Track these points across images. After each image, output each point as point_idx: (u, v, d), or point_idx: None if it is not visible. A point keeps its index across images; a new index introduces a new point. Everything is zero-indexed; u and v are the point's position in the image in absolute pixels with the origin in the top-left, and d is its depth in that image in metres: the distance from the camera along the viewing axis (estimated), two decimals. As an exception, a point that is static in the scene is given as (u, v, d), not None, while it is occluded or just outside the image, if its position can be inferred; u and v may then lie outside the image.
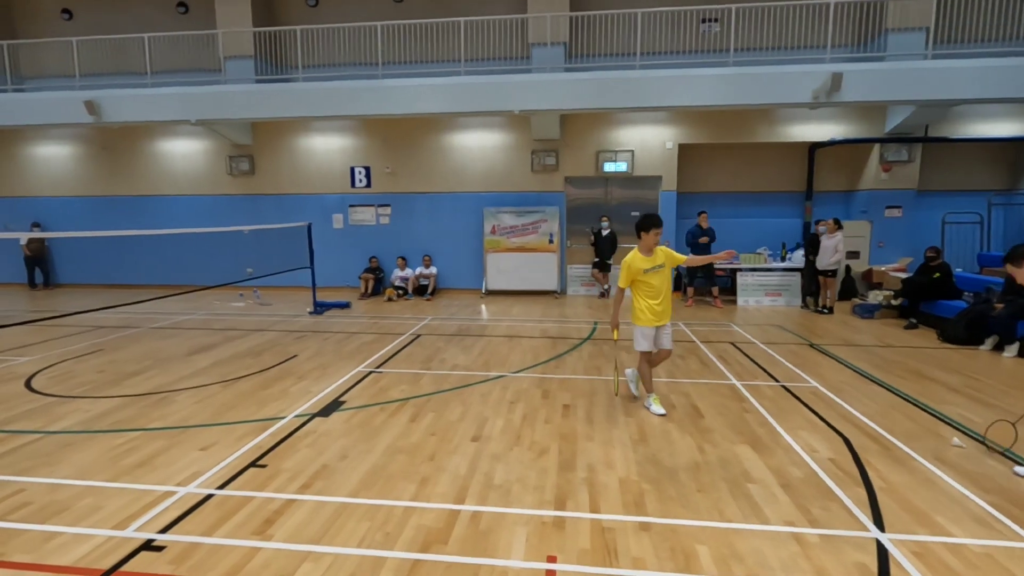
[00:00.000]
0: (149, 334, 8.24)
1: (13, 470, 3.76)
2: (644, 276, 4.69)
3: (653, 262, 4.69)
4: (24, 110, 11.75)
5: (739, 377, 5.90)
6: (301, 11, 12.48)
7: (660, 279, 4.72)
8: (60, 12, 13.21)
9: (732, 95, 9.81)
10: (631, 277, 4.74)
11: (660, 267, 4.71)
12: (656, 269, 4.70)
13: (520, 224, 11.90)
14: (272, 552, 2.83)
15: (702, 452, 4.03)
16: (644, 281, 4.70)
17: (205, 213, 12.86)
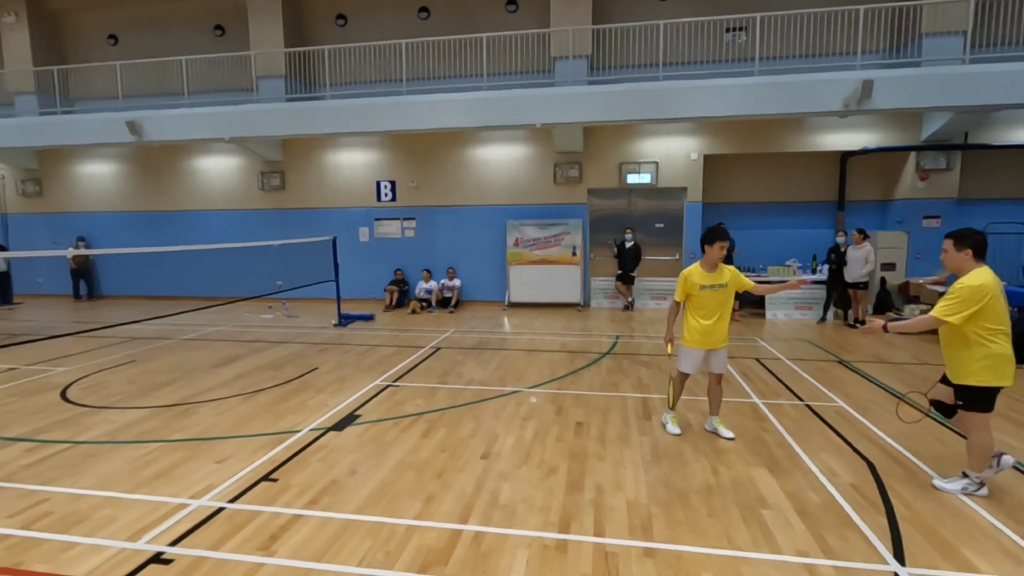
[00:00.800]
0: (180, 345, 8.51)
1: (40, 480, 3.92)
2: (700, 292, 4.39)
3: (714, 280, 4.37)
4: (72, 131, 12.40)
5: (761, 395, 5.73)
6: (330, 31, 12.85)
7: (718, 299, 4.39)
8: (107, 38, 13.93)
9: (758, 105, 9.63)
10: (686, 291, 4.47)
11: (721, 286, 4.37)
12: (715, 288, 4.37)
13: (543, 236, 11.89)
14: (274, 569, 2.86)
15: (716, 474, 3.92)
16: (699, 297, 4.41)
17: (238, 227, 13.28)
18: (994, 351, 3.39)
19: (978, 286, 3.34)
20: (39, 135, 12.64)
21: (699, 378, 6.34)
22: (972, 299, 3.34)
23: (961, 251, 3.49)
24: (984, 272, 3.42)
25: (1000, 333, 3.40)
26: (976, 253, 3.47)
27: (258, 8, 12.29)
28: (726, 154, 11.52)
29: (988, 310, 3.36)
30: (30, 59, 13.44)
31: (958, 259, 3.51)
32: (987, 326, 3.38)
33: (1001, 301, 3.42)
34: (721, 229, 4.39)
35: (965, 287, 3.38)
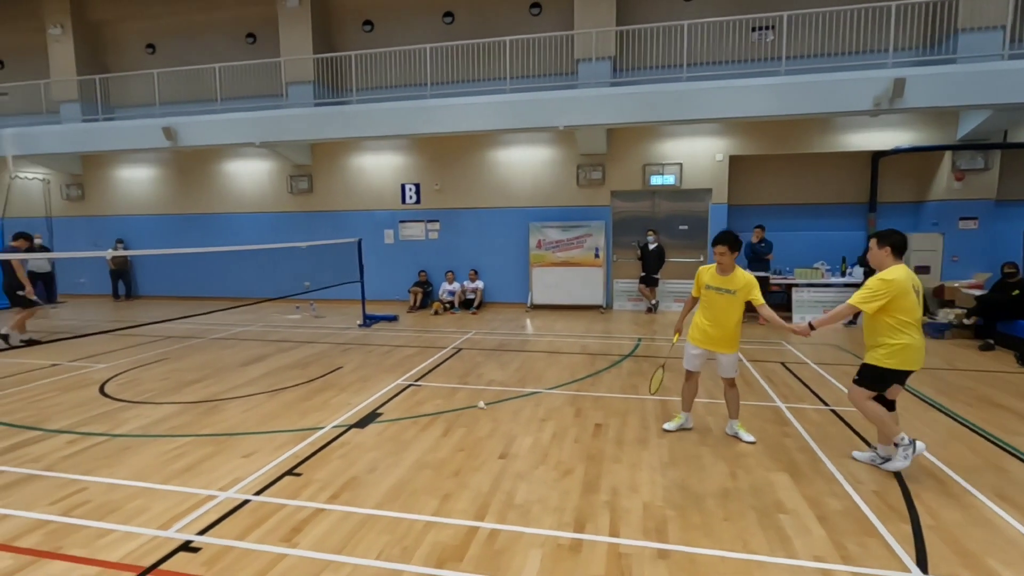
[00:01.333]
0: (211, 344, 8.78)
1: (79, 469, 4.11)
2: (707, 291, 4.53)
3: (722, 283, 4.41)
4: (113, 137, 12.93)
5: (784, 399, 5.64)
6: (357, 36, 13.10)
7: (722, 303, 4.42)
8: (145, 47, 14.47)
9: (786, 104, 9.48)
10: (698, 287, 4.63)
11: (727, 291, 4.38)
12: (721, 291, 4.41)
13: (565, 239, 11.90)
14: (296, 559, 2.96)
15: (734, 478, 3.88)
16: (706, 296, 4.55)
17: (267, 229, 13.63)
18: (901, 340, 3.74)
19: (890, 280, 3.71)
20: (82, 141, 13.22)
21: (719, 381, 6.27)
22: (882, 291, 3.71)
23: (881, 248, 3.86)
24: (899, 268, 3.77)
25: (908, 325, 3.74)
26: (894, 251, 3.82)
27: (288, 16, 12.61)
28: (752, 155, 11.35)
29: (898, 303, 3.70)
30: (74, 69, 14.05)
31: (879, 256, 3.88)
32: (898, 317, 3.73)
33: (912, 297, 3.73)
34: (721, 234, 4.45)
35: (878, 280, 3.77)
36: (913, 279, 3.78)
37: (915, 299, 3.75)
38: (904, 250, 3.85)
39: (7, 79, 15.03)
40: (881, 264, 3.86)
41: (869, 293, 3.76)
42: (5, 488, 3.82)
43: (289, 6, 12.54)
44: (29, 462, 4.25)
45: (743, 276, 4.43)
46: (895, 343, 3.75)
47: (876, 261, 3.90)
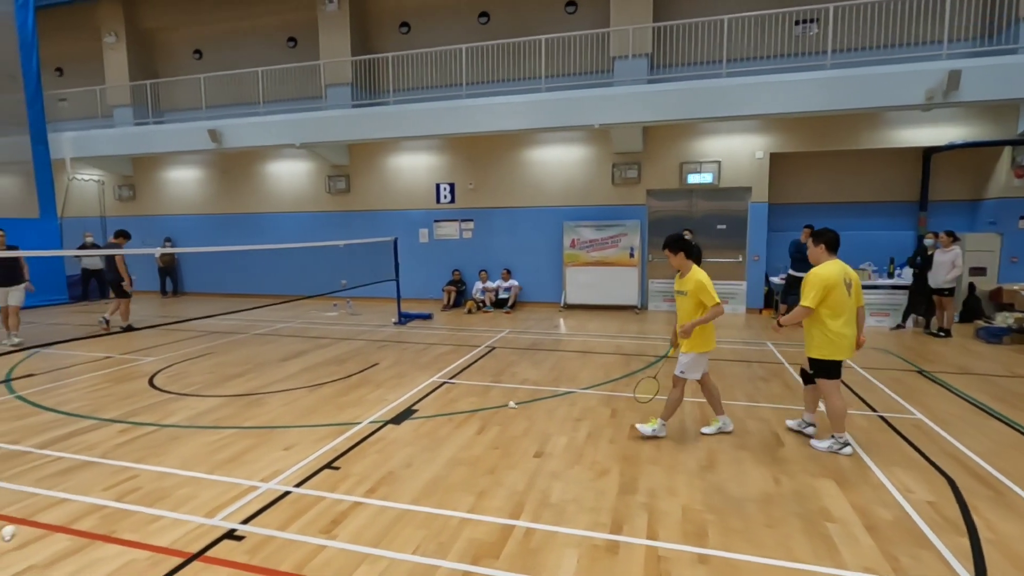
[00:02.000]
0: (252, 340, 9.04)
1: (131, 457, 4.29)
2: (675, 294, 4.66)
3: (679, 286, 4.54)
4: (162, 139, 13.48)
5: (829, 404, 5.44)
6: (394, 38, 13.30)
7: (680, 304, 4.55)
8: (192, 53, 15.03)
9: (831, 100, 9.17)
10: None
11: (681, 293, 4.50)
12: (676, 293, 4.57)
13: (600, 238, 11.79)
14: (335, 551, 3.01)
15: (777, 484, 3.77)
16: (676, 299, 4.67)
17: (306, 228, 13.96)
18: (832, 329, 4.10)
19: (823, 275, 4.08)
20: (133, 144, 13.83)
21: (759, 384, 6.12)
22: (817, 284, 4.07)
23: (817, 246, 4.25)
24: (832, 264, 4.15)
25: (836, 316, 4.09)
26: (828, 248, 4.20)
27: (328, 19, 12.89)
28: (794, 152, 11.01)
29: (831, 296, 4.06)
30: (127, 75, 14.70)
31: (815, 252, 4.26)
32: (828, 309, 4.08)
33: (842, 290, 4.07)
34: (668, 238, 4.49)
35: (813, 275, 4.15)
36: (846, 273, 4.14)
37: (846, 292, 4.10)
38: (837, 247, 4.21)
39: (66, 85, 15.83)
40: (817, 260, 4.24)
41: (808, 288, 4.13)
42: (64, 473, 4.02)
43: (328, 10, 12.82)
44: (85, 449, 4.46)
45: (694, 278, 4.39)
46: (828, 332, 4.11)
47: (813, 258, 4.30)
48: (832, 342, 4.12)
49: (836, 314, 4.09)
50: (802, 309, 4.18)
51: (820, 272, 4.11)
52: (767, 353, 7.68)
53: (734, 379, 6.37)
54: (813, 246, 4.26)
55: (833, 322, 4.10)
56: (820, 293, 4.06)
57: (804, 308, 4.16)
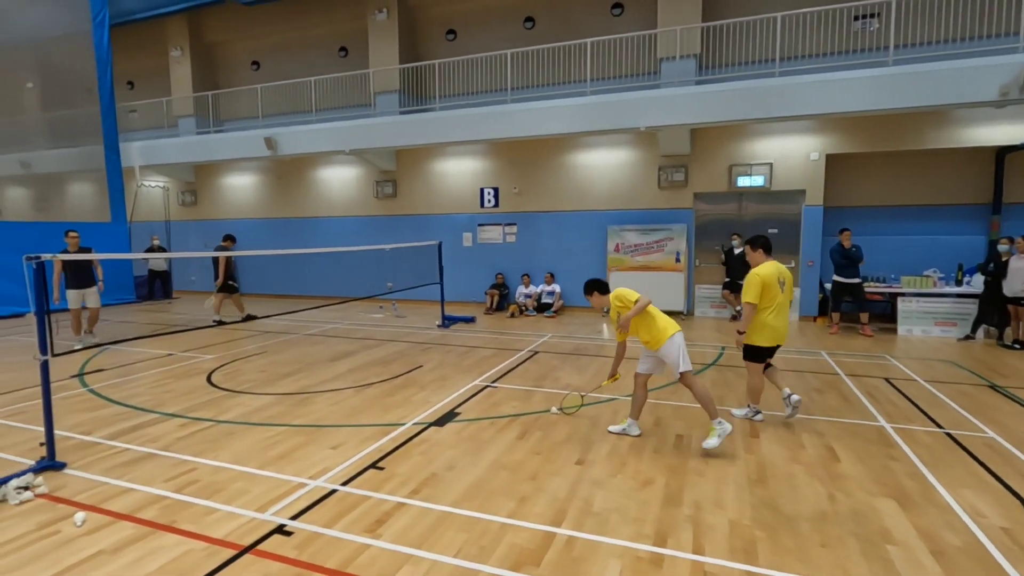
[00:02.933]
0: (303, 340, 9.35)
1: (190, 451, 4.50)
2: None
3: (612, 315, 4.67)
4: (222, 147, 14.16)
5: (890, 419, 5.16)
6: (440, 45, 13.53)
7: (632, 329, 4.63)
8: (250, 64, 15.73)
9: (894, 98, 8.73)
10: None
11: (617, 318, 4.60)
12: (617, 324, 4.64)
13: (645, 242, 11.61)
14: (379, 551, 3.06)
15: (832, 501, 3.59)
16: None
17: (354, 232, 14.35)
18: (765, 321, 4.80)
19: (762, 275, 4.74)
20: (196, 152, 14.58)
21: (804, 394, 5.86)
22: (755, 283, 4.75)
23: (755, 251, 4.92)
24: (767, 265, 4.82)
25: (768, 310, 4.79)
26: (765, 251, 4.89)
27: (377, 29, 13.25)
28: (852, 153, 10.53)
29: (767, 292, 4.73)
30: (190, 87, 15.54)
31: (755, 256, 4.93)
32: (764, 304, 4.77)
33: (775, 288, 4.76)
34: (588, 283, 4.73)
35: (752, 274, 4.80)
36: (780, 272, 4.84)
37: (779, 288, 4.79)
38: (771, 250, 4.94)
39: (136, 98, 16.87)
40: (756, 262, 4.91)
41: (748, 286, 4.77)
42: (130, 464, 4.26)
43: (378, 19, 13.17)
44: (149, 441, 4.71)
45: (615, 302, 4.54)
46: (761, 323, 4.80)
47: (753, 261, 4.96)
48: (758, 330, 4.84)
49: (765, 307, 4.77)
50: (748, 306, 4.81)
51: (758, 272, 4.76)
52: (822, 363, 7.36)
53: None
54: (752, 251, 4.93)
55: (762, 314, 4.79)
56: (758, 290, 4.73)
57: (749, 305, 4.79)
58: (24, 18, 12.88)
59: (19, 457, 4.37)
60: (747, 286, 4.79)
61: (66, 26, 13.49)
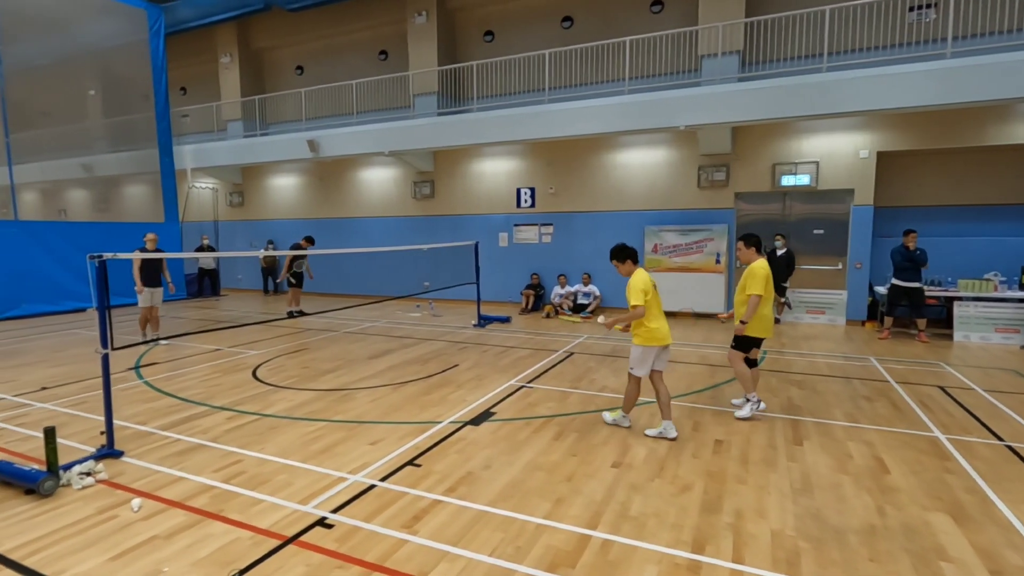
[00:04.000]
0: (343, 337, 9.57)
1: (237, 443, 4.67)
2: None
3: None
4: (267, 150, 14.63)
5: (945, 429, 4.92)
6: (478, 47, 13.62)
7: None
8: (295, 68, 16.21)
9: (952, 92, 8.31)
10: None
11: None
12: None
13: (684, 243, 11.40)
14: (416, 547, 3.11)
15: (882, 515, 3.45)
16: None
17: (393, 232, 14.60)
18: (761, 313, 5.10)
19: (763, 270, 5.06)
20: (243, 154, 15.11)
21: (852, 401, 5.64)
22: (760, 276, 5.04)
23: (748, 248, 5.20)
24: (764, 261, 5.16)
25: (765, 303, 5.10)
26: (757, 249, 5.20)
27: (416, 32, 13.44)
28: (905, 150, 10.06)
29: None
30: (239, 91, 16.11)
31: (747, 253, 5.21)
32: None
33: (770, 280, 5.12)
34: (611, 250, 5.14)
35: (756, 268, 5.10)
36: (767, 267, 5.17)
37: (771, 281, 5.20)
38: (761, 246, 5.26)
39: (188, 103, 17.63)
40: (749, 259, 5.19)
41: (752, 280, 5.04)
42: (182, 454, 4.46)
43: (417, 22, 13.36)
44: (199, 433, 4.92)
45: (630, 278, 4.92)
46: (758, 315, 5.08)
47: (745, 258, 5.25)
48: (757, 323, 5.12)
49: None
50: (754, 298, 5.05)
51: (763, 266, 5.07)
52: (871, 370, 7.07)
53: (833, 397, 5.91)
54: (745, 248, 5.19)
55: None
56: (761, 282, 5.04)
57: (754, 296, 5.04)
58: (89, 30, 13.63)
59: (82, 444, 4.63)
60: (752, 278, 5.03)
61: (125, 36, 14.21)
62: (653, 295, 4.77)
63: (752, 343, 5.26)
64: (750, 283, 5.07)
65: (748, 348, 5.26)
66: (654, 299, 4.78)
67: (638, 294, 4.68)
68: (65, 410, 5.60)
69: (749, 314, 5.07)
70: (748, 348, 5.26)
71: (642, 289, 4.69)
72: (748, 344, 5.25)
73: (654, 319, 4.77)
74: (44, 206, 14.41)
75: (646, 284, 4.73)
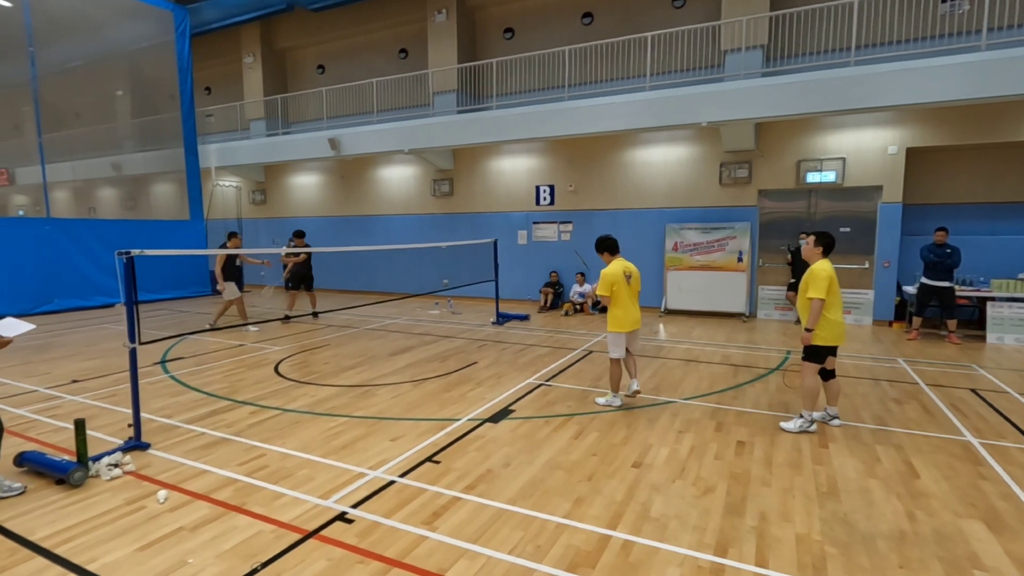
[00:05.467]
0: (364, 334, 9.65)
1: (259, 438, 4.74)
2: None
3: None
4: (289, 148, 14.81)
5: (978, 433, 4.77)
6: (498, 44, 13.59)
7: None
8: (316, 68, 16.37)
9: (987, 85, 8.03)
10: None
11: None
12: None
13: (705, 241, 11.24)
14: (435, 543, 3.12)
15: (912, 520, 3.36)
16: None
17: (413, 230, 14.67)
18: (830, 319, 4.69)
19: (824, 272, 4.65)
20: (265, 153, 15.32)
21: (881, 404, 5.50)
22: (822, 278, 4.65)
23: (817, 247, 4.81)
24: (827, 262, 4.77)
25: (834, 307, 4.70)
26: (825, 250, 4.81)
27: (436, 30, 13.46)
28: (936, 146, 9.77)
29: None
30: (262, 91, 16.33)
31: (813, 252, 4.84)
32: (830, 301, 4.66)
33: (836, 284, 4.72)
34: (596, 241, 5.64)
35: (817, 270, 4.71)
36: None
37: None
38: (832, 247, 4.85)
39: (213, 102, 17.93)
40: (811, 258, 4.85)
41: (815, 281, 4.66)
42: (207, 447, 4.53)
43: (437, 20, 13.38)
44: (223, 427, 5.00)
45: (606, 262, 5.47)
46: (826, 322, 4.70)
47: (808, 255, 4.91)
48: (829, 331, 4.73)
49: (831, 306, 4.69)
50: (817, 302, 4.74)
51: (820, 269, 4.71)
52: (899, 371, 6.89)
53: (860, 399, 5.77)
54: (813, 247, 4.88)
55: (831, 312, 4.69)
56: (824, 284, 4.70)
57: (817, 300, 4.74)
58: (117, 32, 13.94)
59: (110, 436, 4.74)
60: (815, 280, 4.65)
61: (152, 38, 14.50)
62: (623, 286, 5.26)
63: (825, 352, 4.79)
64: (812, 286, 4.69)
65: (822, 358, 4.80)
66: (624, 289, 5.26)
67: (606, 286, 5.27)
68: (95, 403, 5.74)
69: (812, 320, 4.69)
70: (822, 358, 4.80)
71: (610, 281, 5.23)
72: (821, 354, 4.79)
73: (622, 307, 5.27)
74: (75, 204, 14.79)
75: (615, 276, 5.24)
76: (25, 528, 3.31)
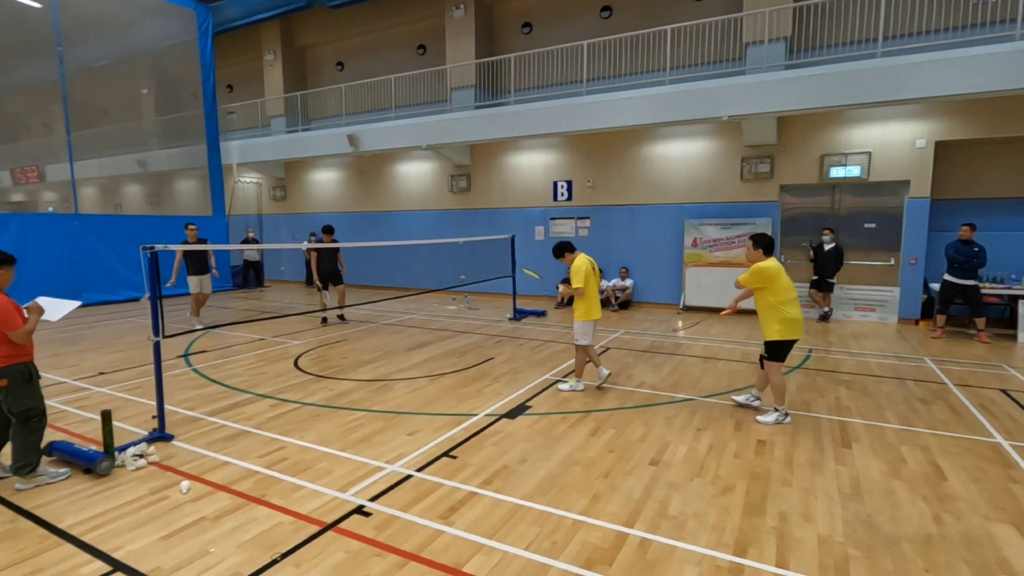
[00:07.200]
0: (382, 329, 9.72)
1: (279, 431, 4.80)
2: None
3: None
4: (308, 145, 14.95)
5: (1008, 435, 4.64)
6: (516, 39, 13.54)
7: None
8: (335, 65, 16.49)
9: (1020, 76, 7.77)
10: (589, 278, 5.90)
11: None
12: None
13: (725, 237, 11.09)
14: (452, 538, 3.13)
15: (939, 523, 3.28)
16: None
17: (430, 226, 14.73)
18: (785, 315, 4.82)
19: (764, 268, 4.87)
20: (285, 150, 15.49)
21: (906, 404, 5.37)
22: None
23: (756, 249, 5.02)
24: (772, 260, 4.96)
25: (790, 303, 4.85)
26: (765, 250, 4.99)
27: (454, 25, 13.46)
28: (966, 139, 9.49)
29: (777, 287, 4.84)
30: (282, 88, 16.51)
31: (755, 255, 5.04)
32: (779, 298, 4.83)
33: (786, 280, 4.88)
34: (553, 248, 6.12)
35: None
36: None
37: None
38: (772, 248, 5.03)
39: (234, 100, 18.16)
40: (754, 259, 5.05)
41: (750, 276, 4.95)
42: (229, 439, 4.61)
43: (455, 16, 13.37)
44: (244, 420, 5.08)
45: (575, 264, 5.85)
46: (782, 318, 4.84)
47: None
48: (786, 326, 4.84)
49: (785, 301, 4.84)
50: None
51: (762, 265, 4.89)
52: (926, 371, 6.72)
53: (884, 398, 5.65)
54: (752, 250, 5.05)
55: (784, 308, 4.82)
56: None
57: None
58: (142, 31, 14.19)
59: (136, 427, 4.84)
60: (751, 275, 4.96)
61: (176, 36, 14.73)
62: (592, 277, 5.75)
63: (787, 348, 4.93)
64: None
65: (784, 355, 4.94)
66: (592, 281, 5.78)
67: (581, 277, 5.67)
68: (120, 395, 5.87)
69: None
70: (784, 355, 4.94)
71: (584, 272, 5.67)
72: (783, 351, 4.92)
73: (591, 297, 5.74)
74: (102, 200, 15.11)
75: (588, 268, 5.71)
76: (54, 515, 3.40)
